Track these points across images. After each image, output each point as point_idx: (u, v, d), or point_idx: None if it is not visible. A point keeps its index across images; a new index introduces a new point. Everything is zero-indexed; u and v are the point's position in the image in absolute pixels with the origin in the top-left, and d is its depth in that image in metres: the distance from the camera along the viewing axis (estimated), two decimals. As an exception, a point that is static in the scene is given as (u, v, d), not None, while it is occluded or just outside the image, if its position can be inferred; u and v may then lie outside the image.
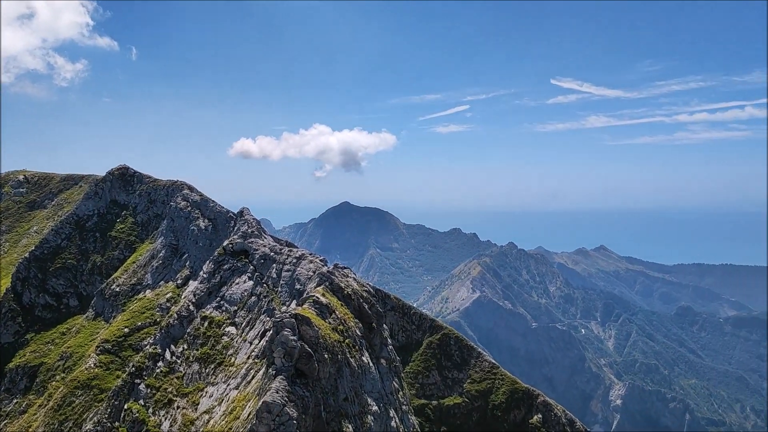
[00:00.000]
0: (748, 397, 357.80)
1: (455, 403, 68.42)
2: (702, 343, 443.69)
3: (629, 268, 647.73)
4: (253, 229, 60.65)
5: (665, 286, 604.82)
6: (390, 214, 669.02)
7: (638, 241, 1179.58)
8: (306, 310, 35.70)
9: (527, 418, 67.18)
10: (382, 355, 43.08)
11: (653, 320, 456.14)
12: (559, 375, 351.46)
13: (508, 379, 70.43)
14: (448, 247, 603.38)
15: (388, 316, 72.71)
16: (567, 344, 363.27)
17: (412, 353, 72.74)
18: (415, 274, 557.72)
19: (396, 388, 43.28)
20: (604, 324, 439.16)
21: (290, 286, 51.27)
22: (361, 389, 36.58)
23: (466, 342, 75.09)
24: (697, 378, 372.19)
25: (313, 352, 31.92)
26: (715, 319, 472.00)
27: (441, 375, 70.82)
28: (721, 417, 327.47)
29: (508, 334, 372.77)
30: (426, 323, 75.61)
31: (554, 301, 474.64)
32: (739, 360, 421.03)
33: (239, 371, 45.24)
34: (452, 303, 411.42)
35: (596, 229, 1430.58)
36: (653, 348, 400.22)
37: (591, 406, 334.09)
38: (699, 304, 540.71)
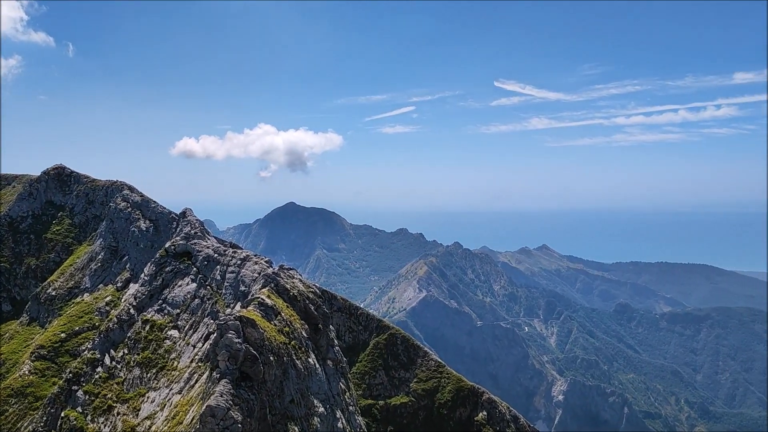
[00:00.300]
0: (682, 390, 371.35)
1: (402, 402, 68.73)
2: (639, 339, 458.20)
3: (570, 267, 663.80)
4: (197, 230, 59.52)
5: (604, 283, 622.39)
6: (336, 214, 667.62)
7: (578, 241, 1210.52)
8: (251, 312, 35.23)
9: (473, 415, 68.04)
10: (328, 356, 42.89)
11: (593, 317, 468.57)
12: (503, 372, 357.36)
13: (453, 377, 71.17)
14: (395, 248, 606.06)
15: (335, 317, 72.47)
16: (511, 342, 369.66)
17: (359, 354, 72.71)
18: (362, 275, 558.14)
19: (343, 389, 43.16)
20: (547, 321, 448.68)
21: (235, 288, 50.51)
22: (307, 391, 36.33)
23: (413, 341, 75.53)
24: (635, 372, 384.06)
25: (259, 354, 31.52)
26: (651, 315, 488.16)
27: (388, 375, 71.02)
28: (657, 410, 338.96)
29: (453, 332, 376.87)
30: (373, 323, 75.70)
31: (499, 300, 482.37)
32: (674, 354, 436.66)
33: (182, 375, 44.32)
34: (399, 303, 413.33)
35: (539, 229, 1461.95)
36: (593, 344, 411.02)
37: (534, 402, 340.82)
38: (636, 300, 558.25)
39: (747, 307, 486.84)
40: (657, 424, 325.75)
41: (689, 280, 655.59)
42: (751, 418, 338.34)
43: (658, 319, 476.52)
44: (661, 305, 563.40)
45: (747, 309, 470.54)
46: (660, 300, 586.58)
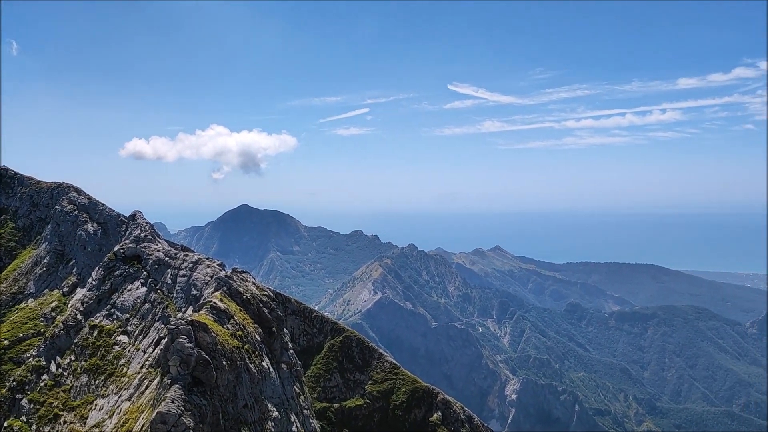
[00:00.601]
0: (630, 386, 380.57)
1: (357, 404, 68.66)
2: (589, 338, 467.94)
3: (523, 267, 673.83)
4: (147, 233, 58.32)
5: (556, 283, 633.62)
6: (291, 216, 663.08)
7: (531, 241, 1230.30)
8: (203, 316, 34.71)
9: (427, 416, 68.43)
10: (282, 360, 42.56)
11: (545, 317, 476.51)
12: (457, 372, 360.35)
13: (408, 378, 71.44)
14: (350, 250, 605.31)
15: (289, 320, 71.95)
16: (465, 342, 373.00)
17: (313, 356, 72.33)
18: (317, 277, 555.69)
19: (297, 393, 42.88)
20: (500, 321, 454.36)
21: (186, 291, 49.67)
22: (261, 395, 35.97)
23: (368, 344, 75.56)
24: (585, 371, 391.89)
25: (211, 359, 31.06)
26: (600, 314, 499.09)
27: (343, 377, 70.87)
28: (607, 406, 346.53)
29: (408, 334, 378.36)
30: (327, 326, 75.43)
31: (453, 301, 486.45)
32: (623, 352, 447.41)
33: (132, 382, 43.34)
34: (354, 305, 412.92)
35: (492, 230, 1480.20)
36: (545, 343, 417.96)
37: (488, 401, 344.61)
38: (586, 300, 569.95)
39: (691, 305, 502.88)
40: (606, 420, 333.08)
41: (637, 280, 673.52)
42: (695, 412, 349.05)
43: (607, 318, 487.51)
44: (610, 304, 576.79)
45: (691, 307, 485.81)
46: (609, 299, 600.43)
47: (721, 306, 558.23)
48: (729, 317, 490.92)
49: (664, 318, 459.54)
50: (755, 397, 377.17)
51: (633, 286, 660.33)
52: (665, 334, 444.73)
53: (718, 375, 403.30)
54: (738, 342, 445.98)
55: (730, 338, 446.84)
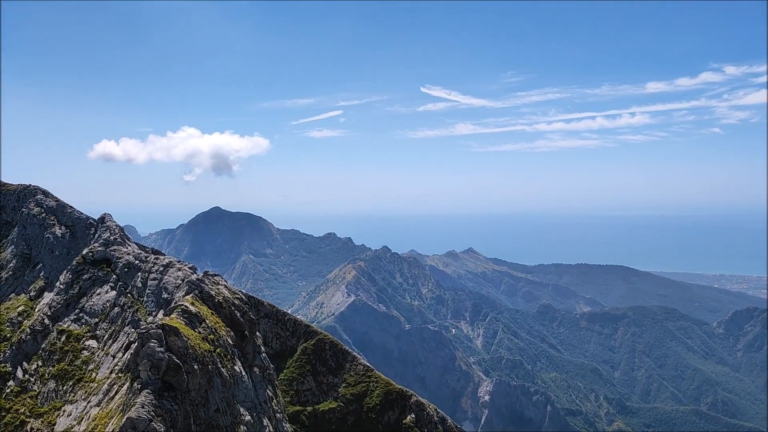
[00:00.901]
0: (601, 387, 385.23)
1: (330, 408, 68.45)
2: (561, 339, 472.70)
3: (495, 269, 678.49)
4: (116, 236, 57.52)
5: (528, 285, 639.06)
6: (263, 219, 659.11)
7: (503, 244, 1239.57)
8: (174, 320, 34.34)
9: (401, 418, 68.46)
10: (255, 364, 42.28)
11: (517, 318, 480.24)
12: (431, 374, 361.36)
13: (382, 381, 71.41)
14: (323, 252, 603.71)
15: (262, 323, 71.48)
16: (438, 344, 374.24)
17: (286, 360, 71.95)
18: (290, 280, 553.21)
19: (270, 396, 42.62)
20: (473, 323, 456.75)
21: (157, 295, 49.09)
22: (233, 399, 35.68)
23: (341, 346, 75.35)
24: (557, 371, 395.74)
25: (182, 363, 30.73)
26: (572, 315, 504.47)
27: (316, 380, 70.59)
28: (578, 406, 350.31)
29: (382, 336, 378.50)
30: (301, 329, 75.09)
31: (426, 303, 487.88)
32: (593, 353, 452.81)
33: (101, 387, 42.68)
34: (327, 308, 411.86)
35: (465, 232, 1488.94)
36: (518, 345, 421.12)
37: (461, 403, 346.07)
38: (558, 301, 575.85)
39: (660, 305, 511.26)
40: (578, 420, 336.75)
41: (607, 281, 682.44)
42: (664, 411, 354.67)
43: (578, 318, 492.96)
44: (581, 305, 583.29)
45: (660, 307, 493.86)
46: (580, 300, 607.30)
47: (689, 306, 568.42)
48: (697, 317, 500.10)
49: (634, 318, 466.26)
50: (722, 395, 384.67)
51: (603, 287, 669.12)
52: (635, 335, 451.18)
53: (686, 374, 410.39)
54: (705, 341, 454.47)
55: (698, 338, 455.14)
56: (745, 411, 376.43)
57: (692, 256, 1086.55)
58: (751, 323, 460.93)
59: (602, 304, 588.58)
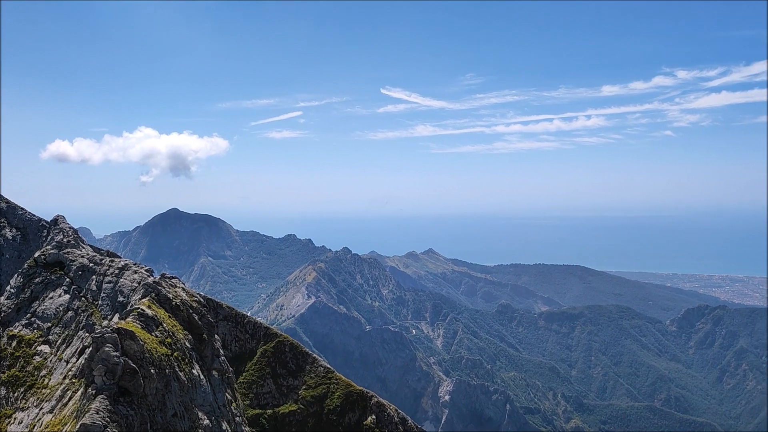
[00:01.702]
0: (558, 385, 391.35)
1: (291, 410, 68.06)
2: (520, 338, 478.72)
3: (455, 270, 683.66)
4: (70, 238, 56.19)
5: (487, 285, 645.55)
6: (222, 220, 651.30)
7: (463, 244, 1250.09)
8: (130, 324, 33.72)
9: (362, 419, 68.48)
10: (213, 367, 41.80)
11: (477, 318, 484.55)
12: (391, 375, 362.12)
13: (343, 382, 71.33)
14: (283, 254, 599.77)
15: (221, 326, 70.69)
16: (399, 345, 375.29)
17: (246, 363, 71.28)
18: (249, 282, 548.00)
19: (229, 400, 42.18)
20: (433, 324, 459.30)
21: (112, 299, 48.11)
22: (191, 403, 35.21)
23: (302, 348, 74.99)
24: (516, 370, 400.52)
25: (138, 367, 30.20)
26: (530, 314, 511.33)
27: (276, 383, 70.11)
28: (537, 405, 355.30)
29: (343, 338, 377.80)
30: (260, 331, 74.47)
31: (387, 304, 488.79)
32: (551, 351, 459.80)
33: (54, 393, 41.63)
34: (287, 310, 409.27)
35: (425, 233, 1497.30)
36: (477, 344, 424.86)
37: (422, 403, 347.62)
38: (517, 301, 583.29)
39: (616, 304, 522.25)
40: (536, 419, 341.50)
41: (564, 281, 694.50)
42: (620, 408, 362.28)
43: (536, 318, 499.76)
44: (539, 305, 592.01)
45: (616, 306, 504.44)
46: (538, 300, 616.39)
47: (644, 305, 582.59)
48: (651, 315, 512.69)
49: (591, 317, 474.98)
50: (675, 391, 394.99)
51: (561, 287, 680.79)
52: (591, 333, 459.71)
53: (640, 371, 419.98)
54: (659, 339, 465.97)
55: (652, 336, 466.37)
56: (697, 406, 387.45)
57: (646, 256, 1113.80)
58: (702, 321, 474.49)
59: (560, 303, 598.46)
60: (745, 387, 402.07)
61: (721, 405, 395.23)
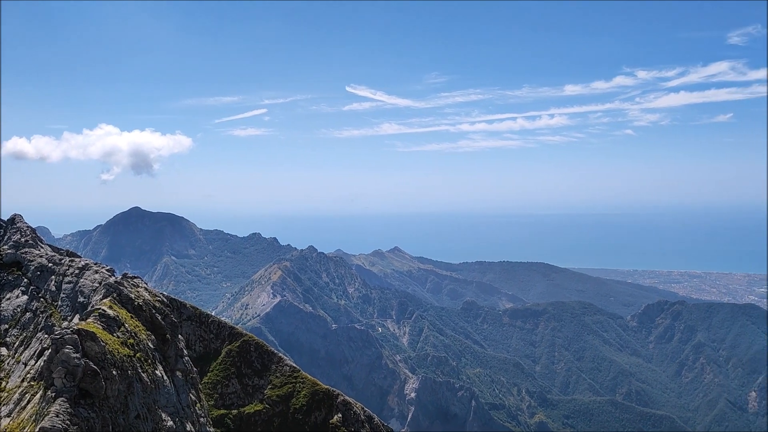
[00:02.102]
0: (523, 380, 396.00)
1: (256, 410, 67.61)
2: (485, 335, 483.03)
3: (421, 268, 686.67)
4: (27, 237, 54.87)
5: (452, 283, 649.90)
6: (186, 219, 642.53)
7: (428, 242, 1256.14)
8: (91, 325, 33.11)
9: (328, 418, 68.38)
10: (177, 368, 41.29)
11: (443, 315, 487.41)
12: (358, 373, 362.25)
13: (309, 381, 71.11)
14: (248, 253, 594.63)
15: (184, 326, 69.83)
16: (365, 343, 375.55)
17: (210, 363, 70.55)
18: (214, 281, 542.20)
19: (193, 401, 41.73)
20: (399, 321, 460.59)
21: (72, 299, 47.15)
22: (154, 405, 34.74)
23: (267, 348, 74.54)
24: (481, 367, 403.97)
25: (100, 369, 29.67)
26: (495, 311, 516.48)
27: (241, 383, 69.57)
28: (502, 401, 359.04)
29: (308, 336, 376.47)
30: (225, 331, 73.80)
31: (353, 302, 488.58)
32: (516, 348, 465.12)
33: (12, 396, 40.63)
34: (252, 309, 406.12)
35: (391, 231, 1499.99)
36: (443, 341, 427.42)
37: (388, 400, 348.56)
38: (482, 298, 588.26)
39: (578, 300, 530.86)
40: (501, 414, 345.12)
41: (528, 278, 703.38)
42: (583, 402, 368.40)
43: (501, 315, 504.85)
44: (503, 302, 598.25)
45: (578, 303, 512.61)
46: (503, 297, 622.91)
47: (605, 301, 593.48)
48: (612, 311, 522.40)
49: (554, 314, 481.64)
50: (636, 385, 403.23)
51: (525, 284, 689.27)
52: (555, 329, 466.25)
53: (602, 366, 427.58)
54: (620, 334, 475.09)
55: (613, 331, 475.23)
56: (656, 399, 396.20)
57: (607, 253, 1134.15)
58: (661, 316, 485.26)
59: (524, 300, 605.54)
60: (702, 380, 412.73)
61: (679, 398, 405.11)
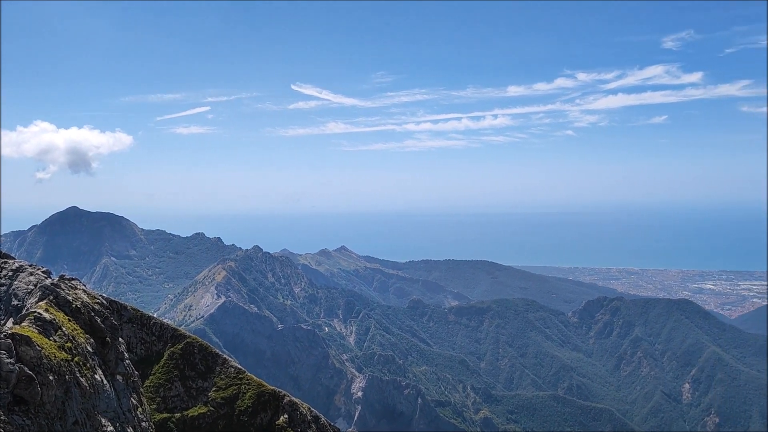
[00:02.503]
0: (468, 377, 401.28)
1: (200, 413, 66.46)
2: (431, 332, 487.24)
3: (367, 267, 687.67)
4: (-43, 239, 52.49)
5: (399, 281, 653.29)
6: (126, 219, 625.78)
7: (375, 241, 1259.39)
8: (25, 329, 31.88)
9: (274, 419, 67.76)
10: (118, 371, 40.19)
11: (389, 314, 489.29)
12: (304, 374, 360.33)
13: (254, 382, 70.33)
14: (191, 253, 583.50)
15: (125, 328, 68.05)
16: (312, 343, 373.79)
17: (152, 366, 68.96)
18: (156, 282, 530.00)
19: (134, 405, 40.70)
20: (346, 321, 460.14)
21: (6, 303, 45.30)
22: (93, 410, 33.72)
23: (211, 349, 73.35)
24: (427, 364, 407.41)
25: (35, 374, 28.61)
26: (441, 309, 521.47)
27: (185, 386, 68.25)
28: (447, 398, 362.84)
29: (254, 337, 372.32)
30: (167, 333, 72.25)
31: (299, 302, 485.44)
32: (461, 345, 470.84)
33: (-60, 405, 38.76)
34: (196, 310, 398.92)
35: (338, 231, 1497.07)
36: (390, 340, 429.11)
37: (335, 400, 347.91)
38: (427, 296, 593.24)
39: (522, 298, 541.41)
40: (447, 411, 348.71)
41: (473, 276, 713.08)
42: (526, 398, 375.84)
43: (446, 312, 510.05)
44: (449, 300, 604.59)
45: (522, 300, 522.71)
46: (448, 295, 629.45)
47: (547, 298, 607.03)
48: (554, 308, 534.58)
49: (498, 311, 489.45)
50: (577, 380, 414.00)
51: (470, 282, 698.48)
52: (499, 326, 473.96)
53: (545, 362, 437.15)
54: (562, 330, 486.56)
55: (555, 327, 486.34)
56: (596, 393, 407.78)
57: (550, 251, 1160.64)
58: (601, 312, 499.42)
59: (469, 297, 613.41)
60: (640, 373, 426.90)
61: (618, 391, 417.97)
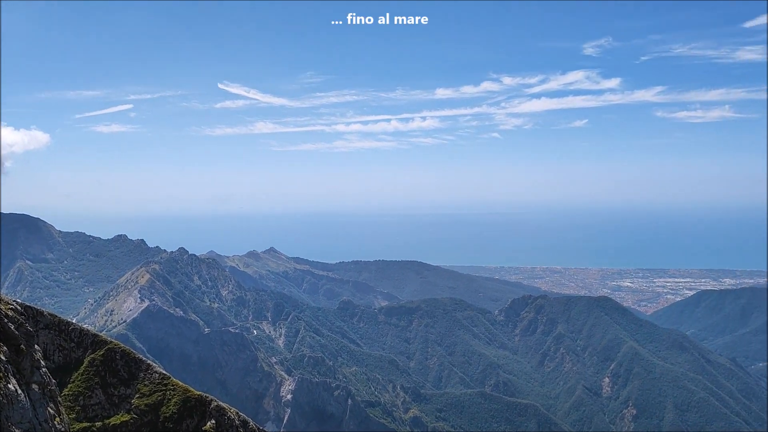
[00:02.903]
0: (398, 377, 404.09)
1: (123, 421, 64.25)
2: (361, 333, 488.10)
3: (297, 268, 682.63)
4: None
5: (329, 282, 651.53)
6: (42, 221, 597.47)
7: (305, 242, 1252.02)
8: (-70, 338, 30.07)
9: (200, 425, 66.27)
10: (33, 380, 38.43)
11: (319, 315, 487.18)
12: (232, 378, 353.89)
13: (180, 388, 68.55)
14: (113, 256, 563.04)
15: (41, 335, 65.06)
16: (239, 346, 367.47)
17: (71, 373, 66.19)
18: (75, 287, 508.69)
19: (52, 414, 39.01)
20: (275, 323, 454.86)
21: None
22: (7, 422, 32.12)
23: (134, 355, 71.02)
24: (358, 365, 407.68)
25: (-59, 386, 27.02)
26: (371, 310, 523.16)
27: (106, 393, 65.84)
28: (377, 398, 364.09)
29: (179, 342, 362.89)
30: (87, 339, 69.50)
31: (227, 305, 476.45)
32: (391, 345, 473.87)
33: None
34: (118, 315, 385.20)
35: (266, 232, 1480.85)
36: (320, 342, 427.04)
37: (264, 404, 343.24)
38: (358, 297, 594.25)
39: (450, 297, 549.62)
40: (377, 411, 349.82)
41: (403, 276, 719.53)
42: (454, 396, 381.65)
43: (376, 313, 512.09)
44: (379, 300, 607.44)
45: (450, 299, 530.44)
46: (378, 295, 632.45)
47: (475, 297, 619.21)
48: (481, 306, 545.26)
49: (427, 310, 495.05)
50: (503, 377, 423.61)
51: (399, 282, 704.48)
52: (428, 325, 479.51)
53: (473, 360, 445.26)
54: (489, 328, 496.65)
55: (482, 325, 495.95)
56: (522, 389, 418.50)
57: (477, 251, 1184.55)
58: (526, 310, 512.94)
59: (398, 298, 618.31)
60: (563, 369, 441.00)
61: (543, 387, 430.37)
